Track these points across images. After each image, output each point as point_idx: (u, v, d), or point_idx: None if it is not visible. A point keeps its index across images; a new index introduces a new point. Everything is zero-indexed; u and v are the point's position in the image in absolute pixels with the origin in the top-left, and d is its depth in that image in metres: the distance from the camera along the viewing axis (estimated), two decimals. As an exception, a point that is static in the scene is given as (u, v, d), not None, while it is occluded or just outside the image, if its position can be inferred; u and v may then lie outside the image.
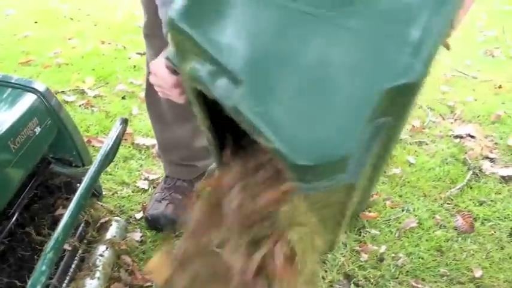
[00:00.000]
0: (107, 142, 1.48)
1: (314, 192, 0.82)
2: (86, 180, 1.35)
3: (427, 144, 2.46)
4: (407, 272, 1.74)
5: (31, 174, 1.71)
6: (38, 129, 1.65)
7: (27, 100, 1.66)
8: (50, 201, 1.79)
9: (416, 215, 1.99)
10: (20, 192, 1.64)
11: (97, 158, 1.42)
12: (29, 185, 1.69)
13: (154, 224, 1.93)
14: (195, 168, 2.05)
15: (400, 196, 2.10)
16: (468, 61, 3.46)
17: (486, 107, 2.85)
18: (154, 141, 2.43)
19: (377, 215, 1.99)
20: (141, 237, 1.91)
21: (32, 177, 1.72)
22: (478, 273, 1.73)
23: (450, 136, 2.52)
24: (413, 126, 2.56)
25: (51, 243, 1.17)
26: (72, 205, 1.26)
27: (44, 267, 1.14)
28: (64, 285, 1.60)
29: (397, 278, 1.70)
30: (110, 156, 1.48)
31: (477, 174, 2.24)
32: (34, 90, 1.70)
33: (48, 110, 1.71)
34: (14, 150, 1.49)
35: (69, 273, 1.64)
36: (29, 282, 1.12)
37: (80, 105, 2.77)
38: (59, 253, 1.18)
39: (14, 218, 1.55)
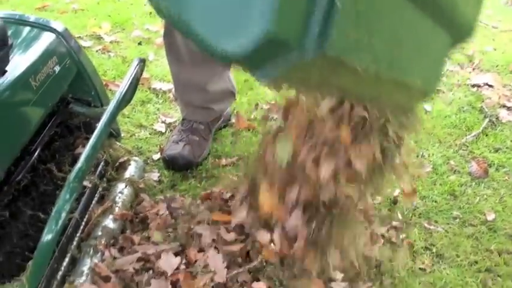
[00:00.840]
0: (126, 80, 1.49)
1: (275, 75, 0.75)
2: (107, 111, 1.37)
3: (443, 92, 2.45)
4: (420, 214, 1.77)
5: (51, 113, 1.75)
6: (57, 68, 1.66)
7: (46, 39, 1.68)
8: (70, 140, 1.82)
9: (430, 161, 2.00)
10: (41, 129, 1.67)
11: (116, 94, 1.44)
12: (49, 124, 1.72)
13: (171, 164, 1.97)
14: (211, 111, 2.07)
15: (415, 142, 2.11)
16: (489, 11, 3.40)
17: (505, 57, 2.81)
18: (171, 85, 2.45)
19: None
20: (158, 177, 1.95)
21: (52, 116, 1.75)
22: (490, 216, 1.75)
23: (468, 85, 2.51)
24: (430, 74, 2.54)
25: (74, 172, 1.20)
26: (94, 137, 1.29)
27: (67, 196, 1.18)
28: (85, 219, 1.66)
29: (410, 219, 1.73)
30: (129, 93, 1.49)
31: (493, 122, 2.23)
32: (53, 30, 1.71)
33: (67, 50, 1.73)
34: (35, 88, 1.52)
35: (90, 209, 1.69)
36: (54, 210, 1.16)
37: (96, 51, 2.78)
38: (81, 183, 1.21)
39: (36, 154, 1.58)
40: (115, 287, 1.45)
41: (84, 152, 1.25)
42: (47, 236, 1.15)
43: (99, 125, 1.33)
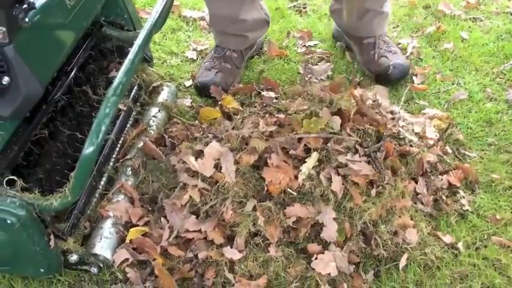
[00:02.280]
0: (159, 2, 1.47)
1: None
2: (145, 27, 1.35)
3: (481, 20, 2.37)
4: (455, 141, 1.75)
5: (85, 36, 1.75)
6: (91, -11, 1.65)
7: (79, -41, 1.66)
8: (103, 63, 1.83)
9: (466, 88, 1.96)
10: (76, 51, 1.68)
11: (152, 13, 1.42)
12: (84, 46, 1.72)
13: (203, 91, 1.96)
14: (245, 39, 2.05)
15: (451, 70, 2.07)
16: None
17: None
18: (201, 13, 2.43)
19: (426, 87, 1.97)
20: (191, 103, 1.95)
21: (86, 38, 1.75)
22: (526, 143, 1.73)
23: (507, 13, 2.42)
24: (468, 2, 2.46)
25: (113, 86, 1.21)
26: (132, 52, 1.28)
27: (107, 110, 1.19)
28: (120, 141, 1.68)
29: (444, 146, 1.71)
30: (163, 15, 1.47)
31: (532, 51, 2.16)
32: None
33: (100, -29, 1.71)
34: (70, 7, 1.51)
35: (125, 131, 1.71)
36: (94, 123, 1.18)
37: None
38: (120, 97, 1.22)
39: (72, 75, 1.59)
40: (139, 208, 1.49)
41: (123, 66, 1.26)
42: (89, 149, 1.17)
43: (137, 41, 1.32)
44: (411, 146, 1.57)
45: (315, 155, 1.39)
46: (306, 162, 1.39)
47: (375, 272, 1.39)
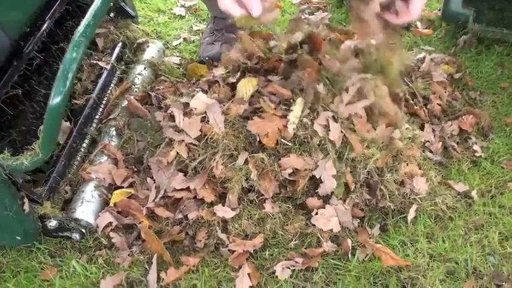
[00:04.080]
0: None
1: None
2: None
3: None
4: (464, 85, 1.61)
5: (61, -10, 1.62)
6: None
7: None
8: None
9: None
10: (51, 4, 1.55)
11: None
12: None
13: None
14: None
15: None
16: None
17: None
18: (189, -31, 2.28)
19: (431, 32, 1.84)
20: (179, 60, 1.82)
21: (62, -8, 1.62)
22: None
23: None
24: None
25: (80, 28, 1.08)
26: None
27: (74, 54, 1.06)
28: (104, 101, 1.57)
29: (453, 89, 1.58)
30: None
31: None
32: None
33: None
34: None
35: (108, 91, 1.59)
36: (60, 70, 1.06)
37: None
38: (88, 40, 1.09)
39: (46, 28, 1.46)
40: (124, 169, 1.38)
41: (91, 6, 1.13)
42: (55, 99, 1.06)
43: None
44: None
45: (300, 101, 1.26)
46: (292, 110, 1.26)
47: (382, 225, 1.27)
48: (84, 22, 1.10)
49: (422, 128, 1.42)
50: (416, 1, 1.11)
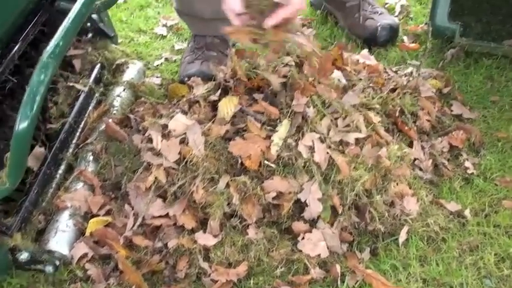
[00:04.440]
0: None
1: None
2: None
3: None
4: (454, 99, 1.57)
5: (36, 11, 1.57)
6: (34, -46, 1.47)
7: None
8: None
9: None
10: (24, 26, 1.50)
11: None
12: (34, 21, 1.54)
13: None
14: (226, 21, 1.82)
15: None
16: None
17: None
18: (171, -12, 2.24)
19: (418, 46, 1.80)
20: (161, 81, 1.77)
21: (37, 13, 1.57)
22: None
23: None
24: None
25: (48, 49, 1.02)
26: (73, 10, 1.10)
27: (42, 76, 1.01)
28: (82, 125, 1.51)
29: (442, 104, 1.53)
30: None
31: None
32: None
33: None
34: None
35: (86, 114, 1.54)
36: (27, 93, 1.00)
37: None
38: (58, 61, 1.04)
39: (16, 50, 1.41)
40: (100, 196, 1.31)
41: (61, 26, 1.07)
42: (22, 124, 1.00)
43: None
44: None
45: (286, 122, 1.21)
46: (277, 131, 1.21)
47: (372, 249, 1.21)
48: (52, 42, 1.04)
49: (411, 145, 1.36)
50: None
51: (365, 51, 1.67)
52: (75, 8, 1.11)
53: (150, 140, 1.30)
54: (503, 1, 1.77)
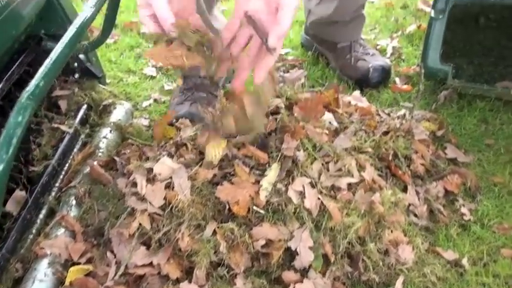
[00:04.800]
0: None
1: None
2: (73, 24, 1.14)
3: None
4: (447, 142, 1.54)
5: (21, 51, 1.54)
6: (20, -6, 1.45)
7: (8, -37, 1.47)
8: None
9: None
10: (9, 66, 1.47)
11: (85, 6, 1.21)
12: (19, 61, 1.51)
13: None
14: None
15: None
16: None
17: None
18: (162, 28, 2.22)
19: (411, 88, 1.78)
20: (149, 122, 1.73)
21: (23, 53, 1.54)
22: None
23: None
24: None
25: (28, 89, 0.98)
26: (56, 49, 1.07)
27: (19, 118, 0.96)
28: (66, 167, 1.46)
29: (436, 147, 1.50)
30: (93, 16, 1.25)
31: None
32: (17, -47, 1.49)
33: (33, -25, 1.52)
34: (-8, 13, 1.31)
35: (70, 156, 1.49)
36: (3, 134, 0.95)
37: (82, 0, 2.55)
38: (37, 102, 0.99)
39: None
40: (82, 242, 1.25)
41: (43, 66, 1.04)
42: (-3, 168, 0.94)
43: (64, 36, 1.11)
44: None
45: (275, 166, 1.17)
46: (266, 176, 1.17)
47: (366, 300, 1.15)
48: (32, 82, 1.00)
49: (405, 190, 1.32)
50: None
51: (357, 92, 1.65)
52: (58, 48, 1.07)
53: (135, 184, 1.25)
54: (495, 43, 1.76)
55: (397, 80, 1.83)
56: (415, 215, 1.29)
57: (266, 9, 1.01)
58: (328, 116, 1.37)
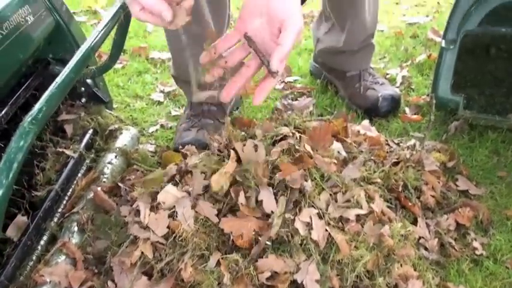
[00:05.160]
0: (106, 17, 1.26)
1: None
2: (80, 49, 1.13)
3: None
4: (459, 173, 1.50)
5: (28, 74, 1.54)
6: (30, 18, 1.45)
7: (18, -13, 1.47)
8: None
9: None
10: (15, 90, 1.46)
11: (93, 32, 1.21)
12: (26, 84, 1.50)
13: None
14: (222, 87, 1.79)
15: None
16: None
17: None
18: (170, 55, 2.22)
19: (421, 118, 1.75)
20: (155, 148, 1.71)
21: (30, 77, 1.54)
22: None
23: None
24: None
25: (30, 115, 0.97)
26: (61, 74, 1.05)
27: (21, 142, 0.94)
28: (69, 193, 1.43)
29: (447, 179, 1.47)
30: (101, 39, 1.24)
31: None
32: (27, -21, 1.50)
33: (44, 0, 1.52)
34: (1, 36, 1.30)
35: (74, 181, 1.47)
36: (3, 159, 0.93)
37: (92, 25, 2.57)
38: (39, 128, 0.97)
39: (3, 114, 1.36)
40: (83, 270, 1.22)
41: (47, 91, 1.02)
42: (-4, 193, 0.92)
43: (71, 61, 1.10)
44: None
45: (282, 200, 1.14)
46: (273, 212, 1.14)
47: (375, 337, 1.11)
48: (36, 107, 0.98)
49: (415, 222, 1.28)
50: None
51: (366, 121, 1.62)
52: (64, 73, 1.06)
53: (138, 212, 1.23)
54: (507, 74, 1.74)
55: (406, 109, 1.81)
56: (426, 249, 1.25)
57: (269, 29, 0.99)
58: (336, 146, 1.34)
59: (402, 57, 2.13)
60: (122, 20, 1.36)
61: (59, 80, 1.05)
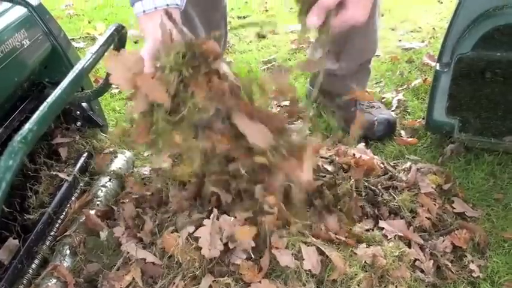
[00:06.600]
0: (101, 39, 1.27)
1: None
2: (73, 70, 1.14)
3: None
4: (455, 195, 1.49)
5: (23, 98, 1.54)
6: (26, 42, 1.46)
7: (15, 12, 1.50)
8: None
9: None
10: (10, 113, 1.46)
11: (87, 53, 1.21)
12: (20, 108, 1.50)
13: None
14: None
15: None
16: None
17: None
18: (168, 79, 2.23)
19: (416, 141, 1.74)
20: (150, 171, 1.70)
21: (25, 100, 1.54)
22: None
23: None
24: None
25: (21, 133, 0.96)
26: (54, 94, 1.05)
27: (10, 161, 0.93)
28: (62, 216, 1.42)
29: (443, 201, 1.45)
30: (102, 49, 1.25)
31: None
32: (25, 4, 1.53)
33: (39, 24, 1.54)
34: (-4, 59, 1.31)
35: (67, 205, 1.46)
36: (-7, 179, 0.92)
37: (90, 51, 2.58)
38: (30, 147, 0.97)
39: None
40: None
41: (38, 110, 1.02)
42: (-16, 213, 0.91)
43: (63, 82, 1.10)
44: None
45: None
46: None
47: None
48: (26, 127, 0.98)
49: (410, 245, 1.27)
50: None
51: (361, 145, 1.62)
52: (55, 94, 1.05)
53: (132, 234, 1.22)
54: (502, 97, 1.74)
55: (402, 132, 1.80)
56: (422, 271, 1.23)
57: None
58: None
59: (398, 82, 2.14)
60: (117, 43, 1.37)
61: (50, 100, 1.05)
